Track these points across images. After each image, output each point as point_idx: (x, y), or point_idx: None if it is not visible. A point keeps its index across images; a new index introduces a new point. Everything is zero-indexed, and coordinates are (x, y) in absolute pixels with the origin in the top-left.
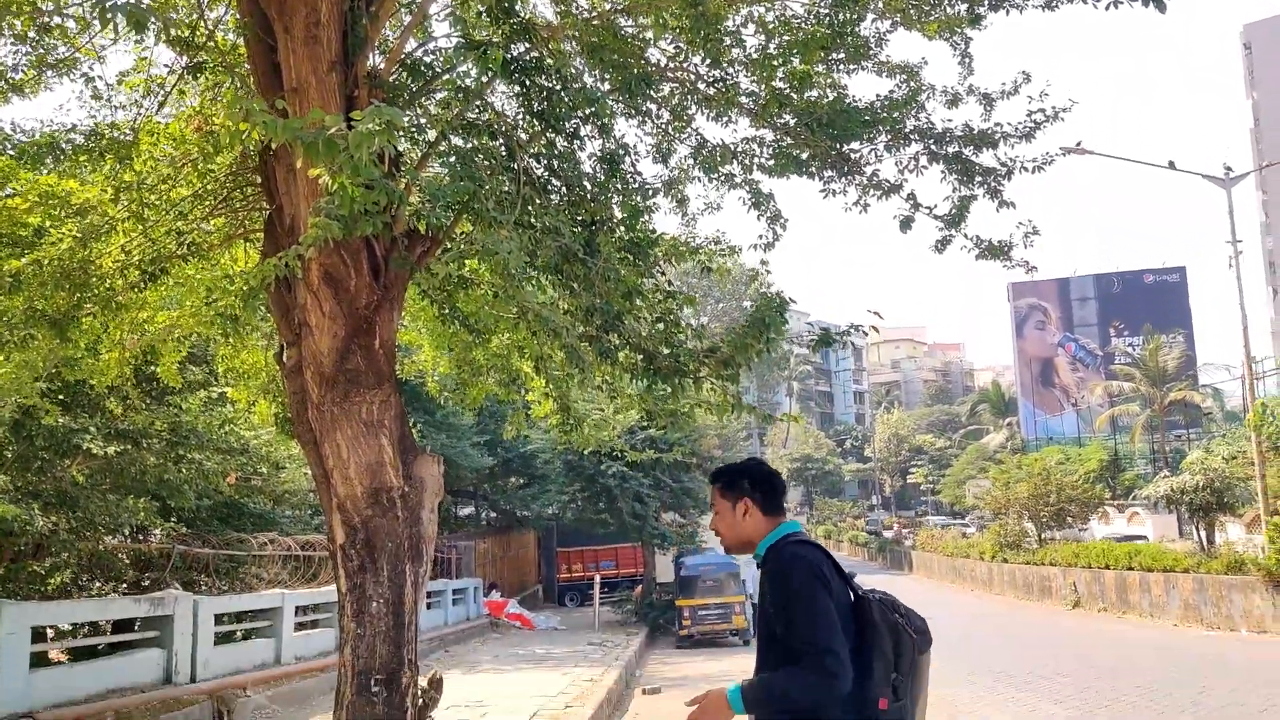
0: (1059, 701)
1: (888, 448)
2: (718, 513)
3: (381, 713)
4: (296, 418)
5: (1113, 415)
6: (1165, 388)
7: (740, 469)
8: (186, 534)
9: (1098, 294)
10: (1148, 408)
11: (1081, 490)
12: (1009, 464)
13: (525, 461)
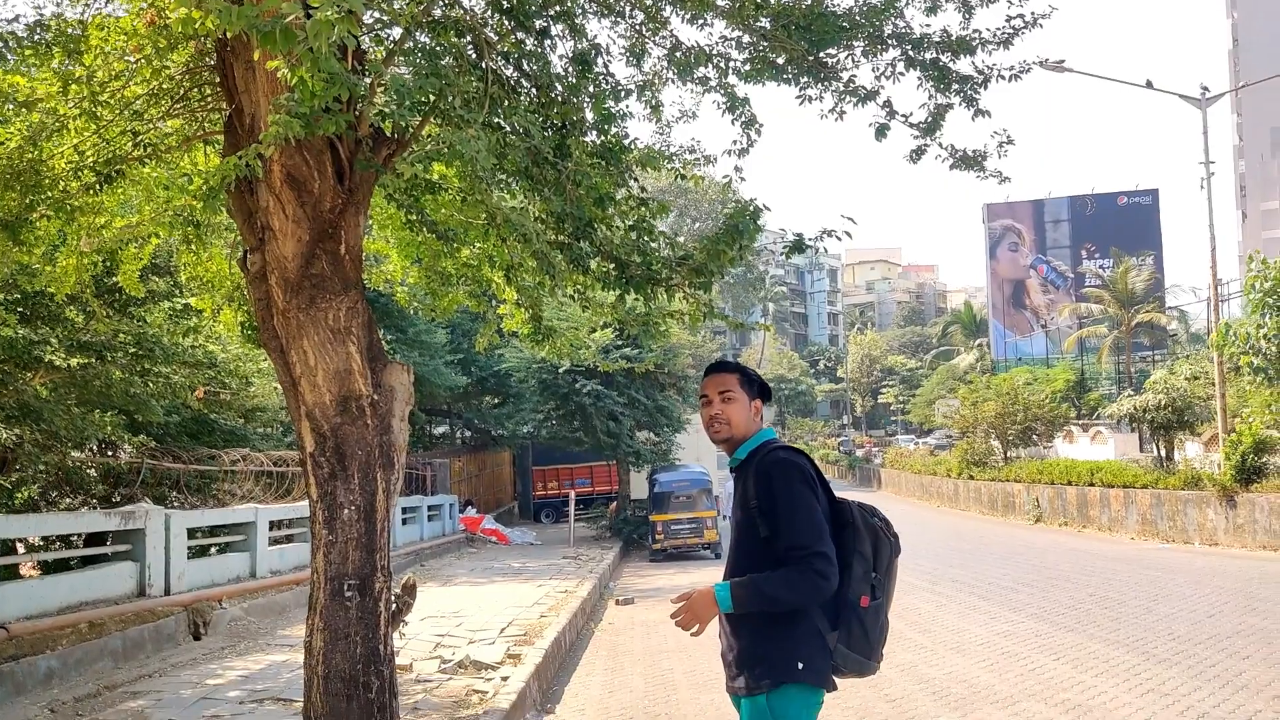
0: (1017, 609)
1: (860, 368)
2: (735, 400)
3: (355, 616)
4: (262, 324)
5: (1081, 337)
6: (1133, 310)
7: (752, 370)
8: (156, 449)
9: (1071, 216)
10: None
11: (1048, 410)
12: (978, 384)
13: (499, 380)
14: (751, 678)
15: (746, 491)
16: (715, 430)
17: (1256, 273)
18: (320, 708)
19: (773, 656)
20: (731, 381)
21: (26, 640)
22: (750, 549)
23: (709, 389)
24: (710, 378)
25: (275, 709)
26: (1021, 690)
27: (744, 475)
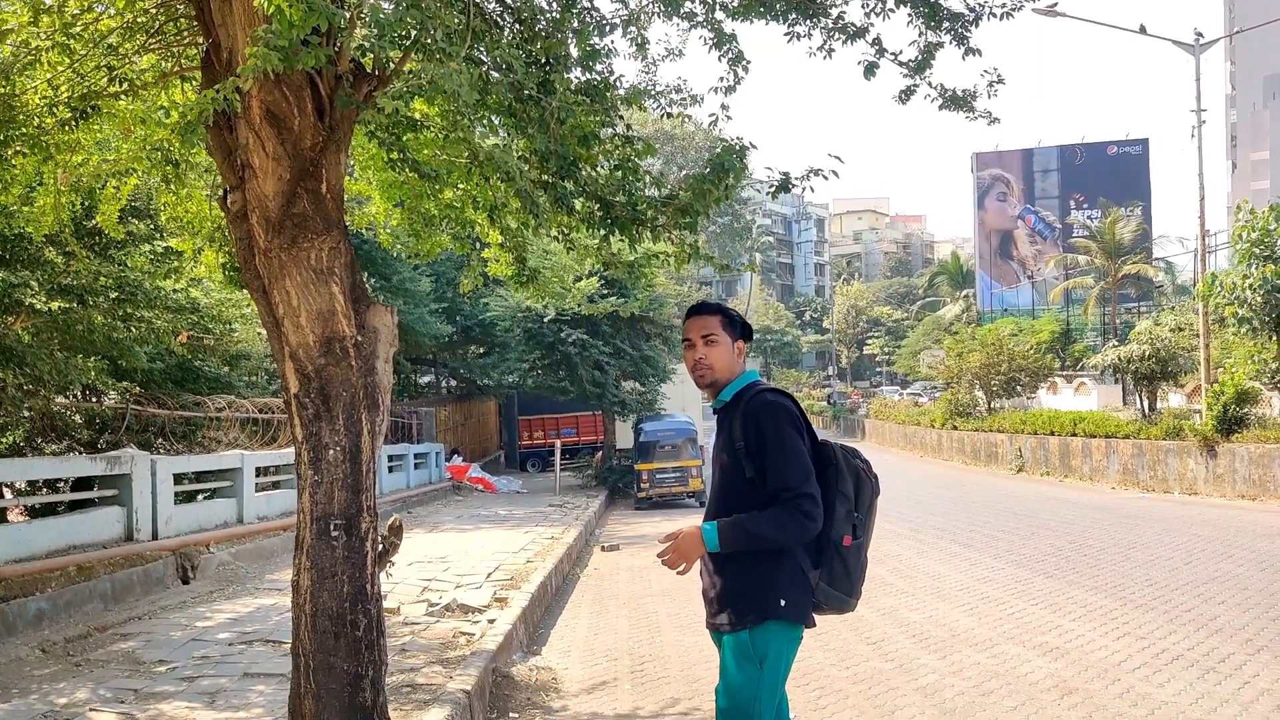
0: (997, 556)
1: (846, 319)
2: (718, 343)
3: (341, 556)
4: (244, 264)
5: (1067, 288)
6: (1120, 261)
7: (734, 311)
8: (141, 394)
9: (1060, 166)
10: (1101, 281)
11: (1032, 360)
12: (963, 335)
13: (485, 329)
14: (735, 614)
15: (732, 433)
16: (699, 375)
17: (1244, 223)
18: (308, 645)
19: (756, 594)
20: (714, 324)
21: (16, 582)
22: (735, 490)
23: (691, 332)
24: (692, 320)
25: (265, 650)
26: (1000, 634)
27: (730, 417)
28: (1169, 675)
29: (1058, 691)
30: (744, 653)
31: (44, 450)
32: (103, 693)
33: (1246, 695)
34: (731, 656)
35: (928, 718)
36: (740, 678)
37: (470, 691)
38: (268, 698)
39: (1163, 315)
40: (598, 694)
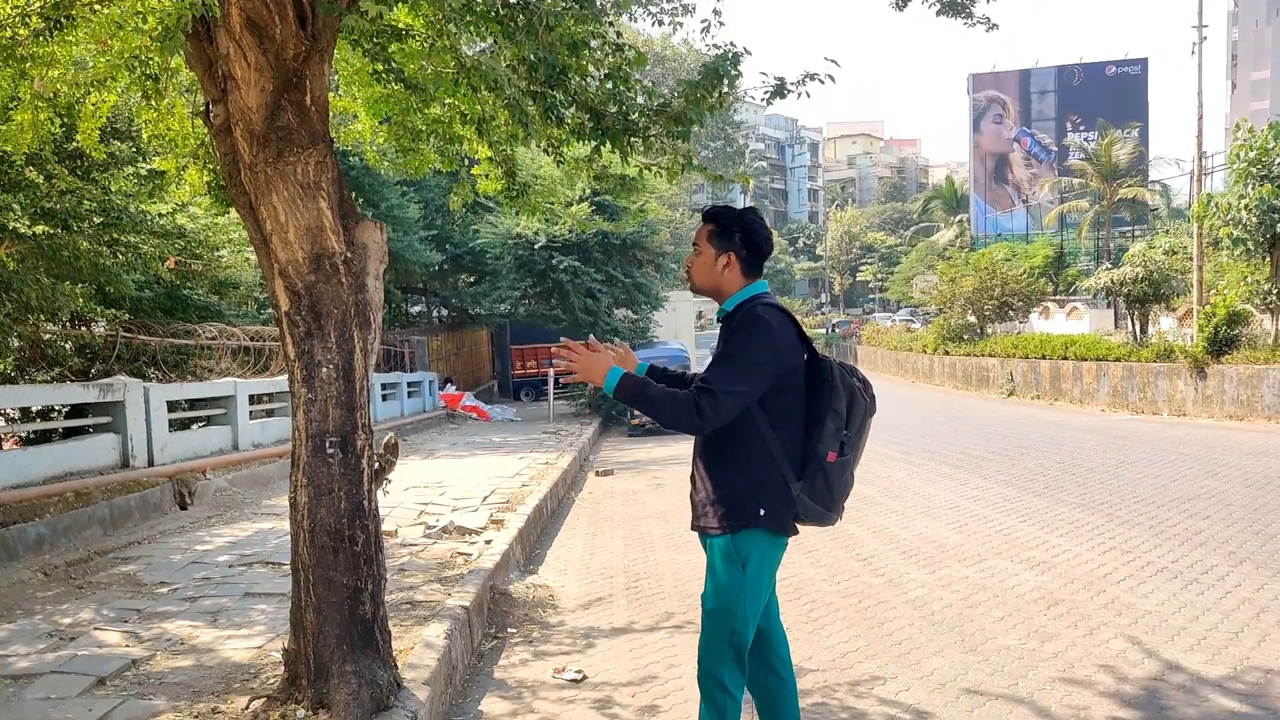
0: (986, 477)
1: (839, 246)
2: (700, 253)
3: (338, 473)
4: (229, 180)
5: (1062, 212)
6: (1115, 184)
7: (738, 218)
8: (130, 322)
9: (1058, 87)
10: (1096, 204)
11: (1025, 285)
12: (957, 260)
13: (475, 258)
14: (718, 519)
15: (721, 339)
16: (684, 280)
17: (1242, 142)
18: (308, 560)
19: (740, 501)
20: (701, 233)
21: (15, 508)
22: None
23: (695, 237)
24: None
25: (265, 571)
26: (989, 549)
27: (727, 327)
28: (1153, 586)
29: (1044, 603)
30: (729, 556)
31: (35, 380)
32: (106, 613)
33: (1228, 604)
34: (719, 558)
35: (916, 628)
36: (726, 579)
37: (469, 607)
38: (269, 616)
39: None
40: (594, 609)
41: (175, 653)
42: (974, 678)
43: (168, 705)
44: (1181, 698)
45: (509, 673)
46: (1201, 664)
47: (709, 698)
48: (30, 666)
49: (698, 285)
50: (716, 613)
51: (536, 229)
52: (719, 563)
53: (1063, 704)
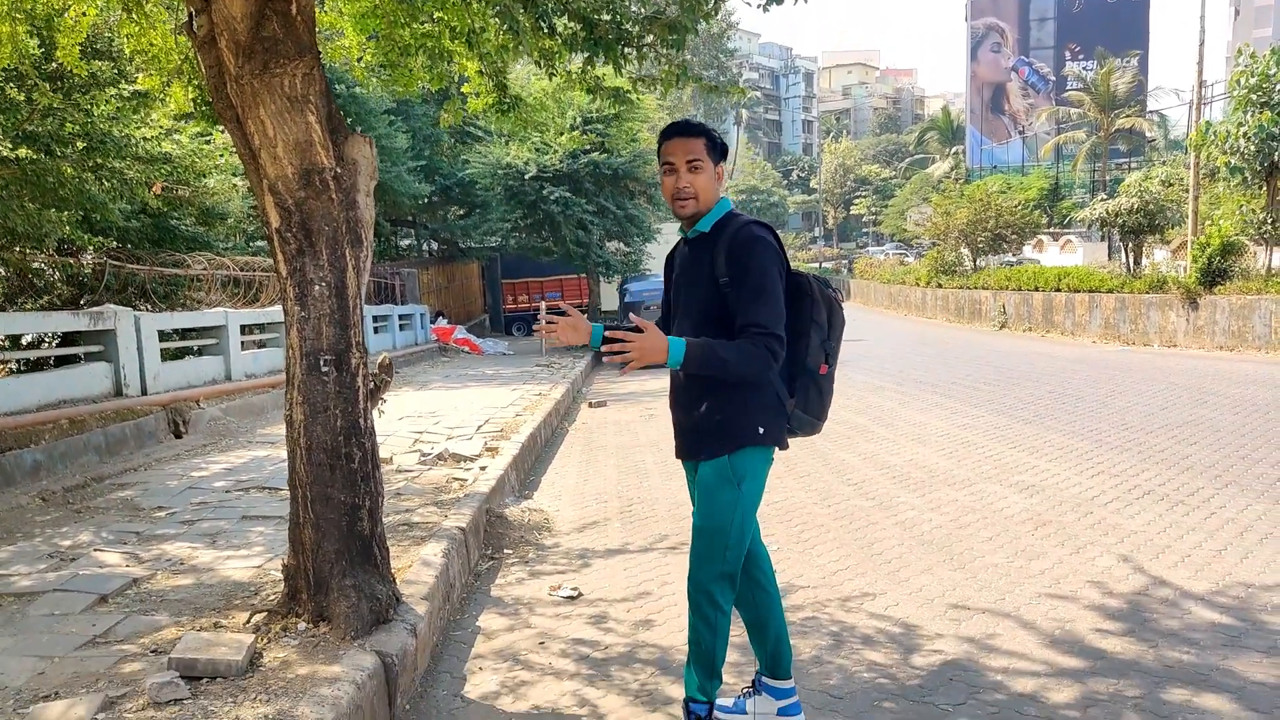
0: (977, 405)
1: (833, 179)
2: (703, 169)
3: (333, 391)
4: (215, 94)
5: (1058, 143)
6: (1113, 114)
7: (716, 132)
8: (119, 249)
9: (1057, 14)
10: (1093, 134)
11: (1020, 216)
12: (951, 191)
13: (465, 189)
14: (716, 442)
15: (715, 266)
16: (681, 205)
17: (1244, 68)
18: (305, 477)
19: (737, 422)
20: (700, 148)
21: (10, 434)
22: (712, 328)
23: (674, 154)
24: (674, 141)
25: (261, 496)
26: (978, 474)
27: (709, 248)
28: (1140, 508)
29: (1032, 524)
30: (724, 476)
31: (25, 308)
32: (105, 535)
33: (1212, 524)
34: (714, 479)
35: (905, 548)
36: (721, 499)
37: (465, 528)
38: (267, 537)
39: (1153, 169)
40: (588, 531)
41: (175, 572)
42: (962, 594)
43: (170, 620)
44: (1165, 610)
45: (506, 591)
46: (1185, 579)
47: (700, 613)
48: (32, 585)
49: (704, 206)
50: (711, 531)
51: (527, 159)
52: (714, 483)
53: (1048, 617)
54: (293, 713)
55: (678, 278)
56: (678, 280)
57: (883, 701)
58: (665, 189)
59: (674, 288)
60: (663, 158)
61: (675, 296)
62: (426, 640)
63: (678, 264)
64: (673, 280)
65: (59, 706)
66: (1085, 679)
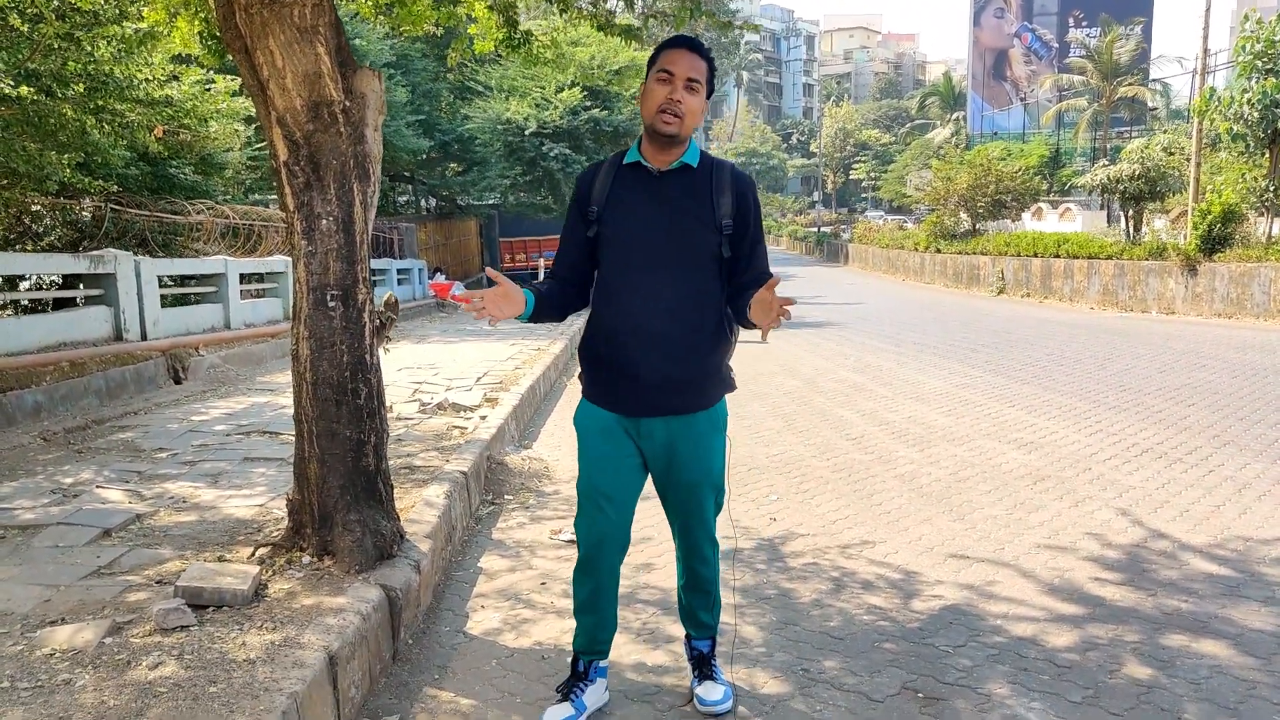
0: (975, 366)
1: (833, 143)
2: (698, 92)
3: (339, 326)
4: (224, 24)
5: (1060, 110)
6: (1115, 82)
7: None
8: (119, 194)
9: None
10: (1095, 103)
11: (1020, 182)
12: (952, 157)
13: (464, 145)
14: (716, 388)
15: (715, 206)
16: (667, 121)
17: (1250, 33)
18: (310, 412)
19: (723, 371)
20: (703, 69)
21: (11, 375)
22: (708, 265)
23: (676, 65)
24: (680, 52)
25: (262, 439)
26: (976, 431)
27: (702, 185)
28: (1138, 465)
29: (1031, 479)
30: (715, 425)
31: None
32: (107, 474)
33: (1211, 481)
34: (709, 428)
35: (905, 499)
36: (717, 447)
37: (467, 473)
38: (269, 478)
39: (1155, 136)
40: None
41: (178, 509)
42: (961, 543)
43: (174, 554)
44: (1163, 562)
45: (507, 534)
46: (1184, 532)
47: (711, 562)
48: (36, 519)
49: (687, 131)
50: (704, 486)
51: (527, 114)
52: (709, 432)
53: (1047, 566)
54: (299, 640)
55: (642, 213)
56: (644, 215)
57: (883, 643)
58: (653, 97)
59: (629, 222)
60: (659, 66)
61: (638, 232)
62: (429, 578)
63: (634, 197)
64: (619, 215)
65: (67, 630)
66: (1084, 624)
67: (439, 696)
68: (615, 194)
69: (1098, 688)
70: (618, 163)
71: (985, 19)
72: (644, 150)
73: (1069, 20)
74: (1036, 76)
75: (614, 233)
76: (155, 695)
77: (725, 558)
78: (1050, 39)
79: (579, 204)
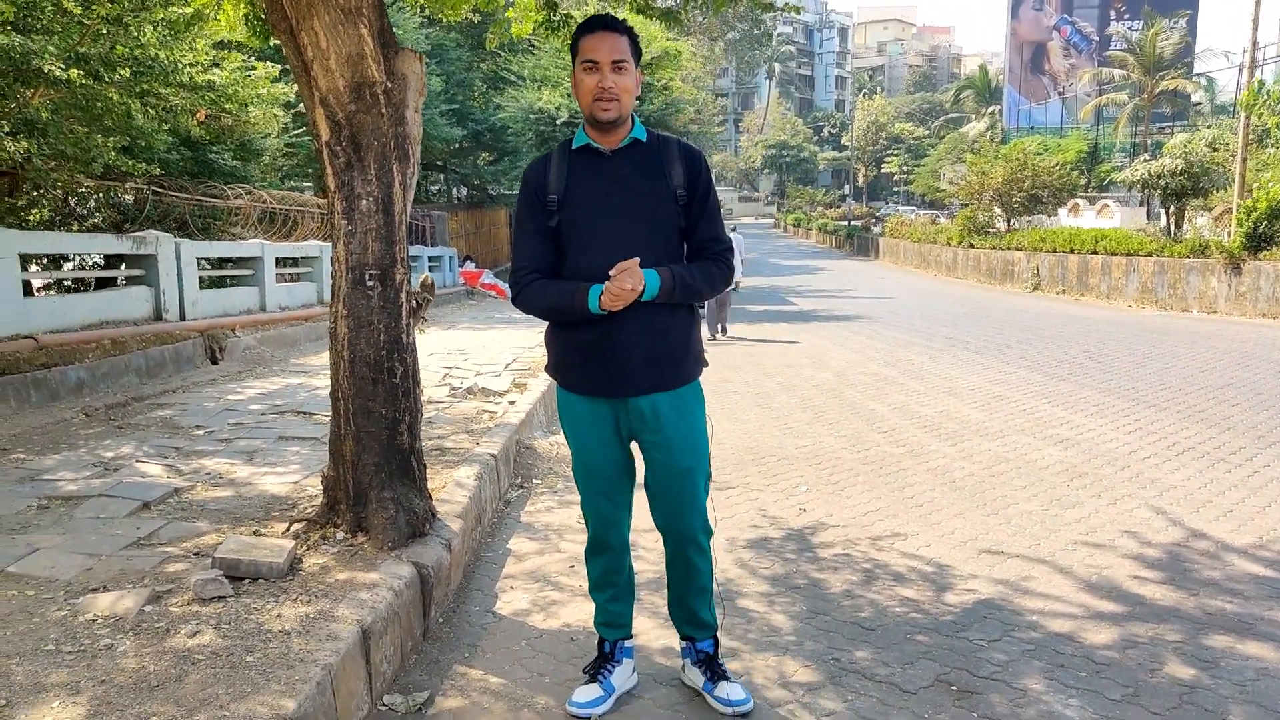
0: (1009, 362)
1: (865, 136)
2: (627, 71)
3: (377, 305)
4: (270, 4)
5: (1099, 104)
6: (1157, 76)
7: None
8: (162, 177)
9: None
10: (1136, 97)
11: (1057, 176)
12: (987, 151)
13: (495, 135)
14: (692, 365)
15: (669, 178)
16: (605, 107)
17: None
18: (347, 390)
19: (696, 348)
20: (625, 47)
21: (56, 351)
22: (668, 238)
23: (597, 52)
24: (597, 36)
25: (296, 419)
26: (1011, 426)
27: (654, 159)
28: (1179, 464)
29: (1067, 475)
30: (698, 399)
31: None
32: (146, 450)
33: (1256, 482)
34: (692, 402)
35: (937, 493)
36: (699, 425)
37: (497, 455)
38: (303, 457)
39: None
40: None
41: (215, 485)
42: (995, 538)
43: (210, 527)
44: (1205, 562)
45: (535, 517)
46: (1227, 533)
47: (705, 550)
48: (78, 490)
49: (625, 113)
50: (694, 472)
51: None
52: (690, 409)
53: (1084, 564)
54: (333, 613)
55: (601, 193)
56: (604, 195)
57: (915, 635)
58: (584, 88)
59: (591, 204)
60: (582, 55)
61: (601, 213)
62: (460, 557)
63: (590, 180)
64: (579, 199)
65: (109, 598)
66: (1123, 622)
67: (469, 674)
68: (572, 180)
69: (1138, 686)
70: (566, 150)
71: (1023, 11)
72: (590, 134)
73: (1110, 13)
74: (1075, 70)
75: (577, 216)
76: (193, 662)
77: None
78: (1090, 32)
79: (536, 195)
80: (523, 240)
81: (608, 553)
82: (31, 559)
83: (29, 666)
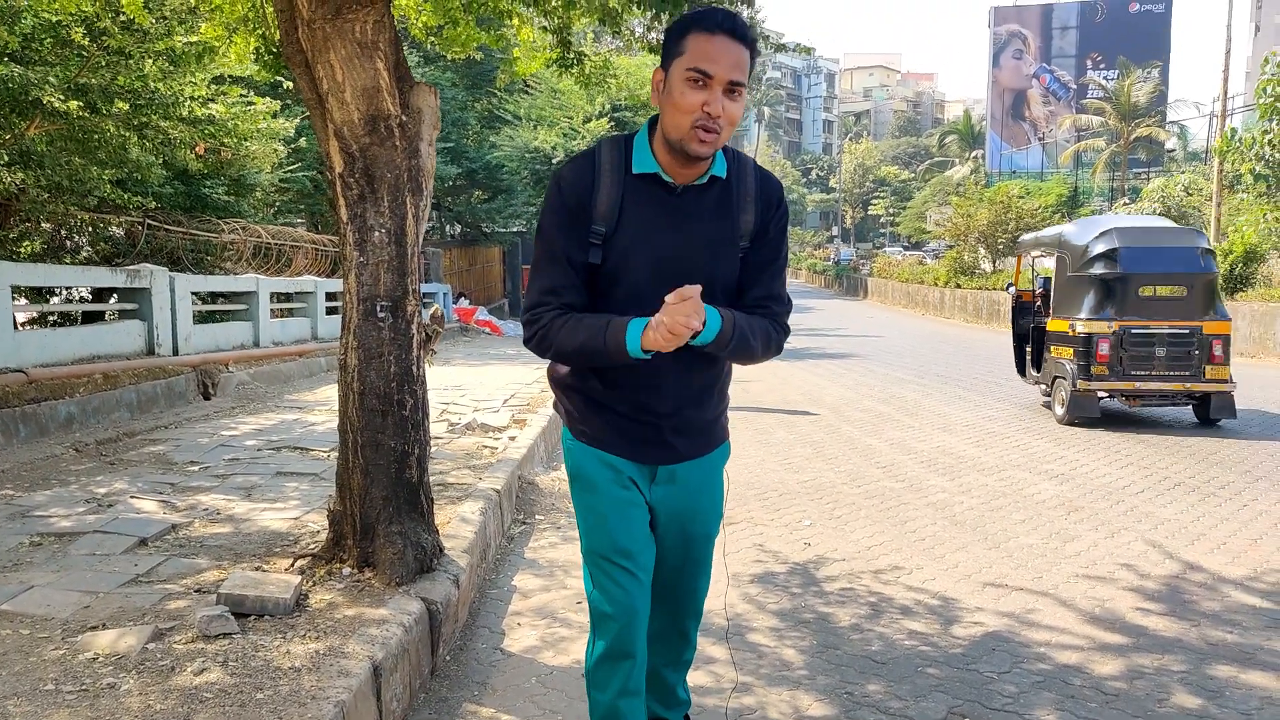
0: (1001, 399)
1: (852, 178)
2: (739, 98)
3: (388, 337)
4: (286, 38)
5: (1078, 150)
6: (1133, 123)
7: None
8: (156, 210)
9: (1080, 23)
10: (1113, 143)
11: (1040, 219)
12: (971, 194)
13: (490, 173)
14: (724, 430)
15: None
16: (705, 140)
17: (1270, 75)
18: (357, 422)
19: (726, 409)
20: (746, 65)
21: (46, 385)
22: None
23: (716, 64)
24: (717, 41)
25: (293, 455)
26: (1007, 461)
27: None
28: (1171, 498)
29: (1064, 509)
30: (724, 458)
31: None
32: (140, 485)
33: (1246, 515)
34: (719, 465)
35: (939, 527)
36: (720, 485)
37: (500, 490)
38: (302, 492)
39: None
40: None
41: (213, 520)
42: (998, 571)
43: (211, 564)
44: (1203, 593)
45: (539, 553)
46: (1222, 565)
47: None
48: (72, 527)
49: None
50: (712, 536)
51: (554, 143)
52: (718, 476)
53: (1087, 596)
54: (343, 649)
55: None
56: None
57: (926, 667)
58: (682, 105)
59: (646, 251)
60: (692, 61)
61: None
62: (467, 593)
63: (651, 219)
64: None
65: (109, 635)
66: (1129, 654)
67: (480, 713)
68: (627, 213)
69: (1147, 716)
70: (623, 169)
71: (1004, 59)
72: (660, 158)
73: (1087, 63)
74: (1055, 117)
75: (628, 263)
76: (201, 700)
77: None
78: (1068, 80)
79: (575, 218)
80: (548, 267)
81: (631, 662)
82: (26, 597)
83: (28, 707)
